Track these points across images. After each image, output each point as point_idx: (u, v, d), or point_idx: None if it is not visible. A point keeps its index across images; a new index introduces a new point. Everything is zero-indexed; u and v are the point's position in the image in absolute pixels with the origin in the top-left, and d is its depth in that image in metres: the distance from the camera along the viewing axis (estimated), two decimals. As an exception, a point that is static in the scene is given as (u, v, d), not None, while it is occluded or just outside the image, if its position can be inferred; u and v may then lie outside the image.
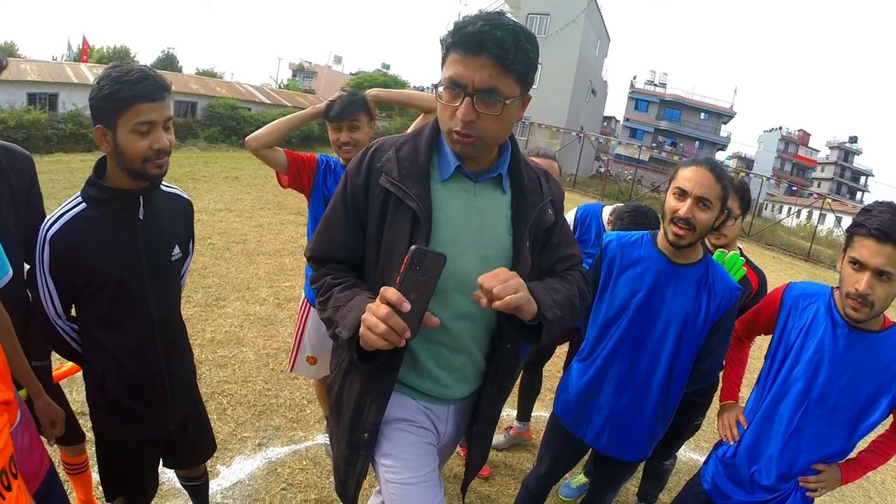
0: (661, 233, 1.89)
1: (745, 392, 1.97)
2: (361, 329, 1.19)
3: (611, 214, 2.85)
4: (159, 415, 1.72)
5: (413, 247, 1.15)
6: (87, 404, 1.71)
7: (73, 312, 1.63)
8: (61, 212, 1.50)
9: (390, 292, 1.15)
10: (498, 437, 3.39)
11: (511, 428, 3.43)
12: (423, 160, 1.37)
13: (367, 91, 2.52)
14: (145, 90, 1.43)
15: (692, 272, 1.84)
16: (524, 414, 3.38)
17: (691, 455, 3.74)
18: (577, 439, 2.03)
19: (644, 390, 1.89)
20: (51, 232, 1.47)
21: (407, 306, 1.14)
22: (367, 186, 1.39)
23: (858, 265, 1.56)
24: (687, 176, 1.77)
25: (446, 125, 1.30)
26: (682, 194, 1.77)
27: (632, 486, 3.09)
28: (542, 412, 3.83)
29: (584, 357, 2.01)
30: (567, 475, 3.00)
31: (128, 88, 1.41)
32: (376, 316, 1.15)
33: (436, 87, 1.31)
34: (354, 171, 1.41)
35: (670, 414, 1.98)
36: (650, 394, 1.89)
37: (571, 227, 2.94)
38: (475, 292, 1.23)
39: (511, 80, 1.24)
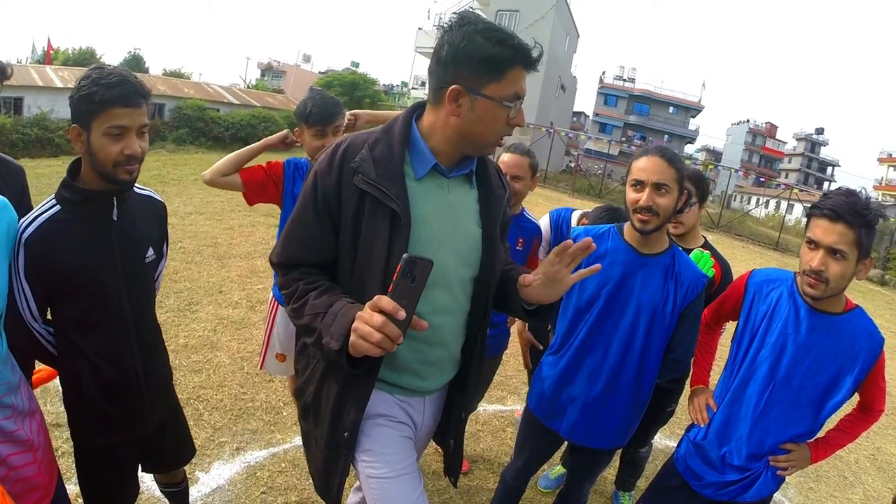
0: (626, 225, 1.93)
1: (716, 378, 2.01)
2: (353, 338, 1.19)
3: (582, 217, 2.88)
4: (137, 418, 1.70)
5: (405, 255, 1.16)
6: (61, 413, 1.69)
7: (49, 316, 1.60)
8: (35, 214, 1.49)
9: (385, 301, 1.16)
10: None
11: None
12: (397, 159, 1.37)
13: (358, 113, 2.49)
14: (122, 94, 1.43)
15: (659, 262, 1.89)
16: None
17: (667, 442, 3.80)
18: (552, 432, 2.05)
19: (617, 379, 1.92)
20: (26, 234, 1.45)
21: (402, 314, 1.16)
22: (339, 186, 1.37)
23: (813, 244, 1.63)
24: (641, 166, 1.83)
25: (498, 133, 1.37)
26: (638, 184, 1.83)
27: (609, 474, 3.14)
28: (518, 405, 3.86)
29: (556, 350, 2.04)
30: (545, 466, 3.03)
31: (104, 91, 1.41)
32: (370, 325, 1.16)
33: (468, 97, 1.32)
34: (325, 170, 1.38)
35: (644, 402, 2.02)
36: (623, 382, 1.93)
37: (547, 232, 2.95)
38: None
39: None
